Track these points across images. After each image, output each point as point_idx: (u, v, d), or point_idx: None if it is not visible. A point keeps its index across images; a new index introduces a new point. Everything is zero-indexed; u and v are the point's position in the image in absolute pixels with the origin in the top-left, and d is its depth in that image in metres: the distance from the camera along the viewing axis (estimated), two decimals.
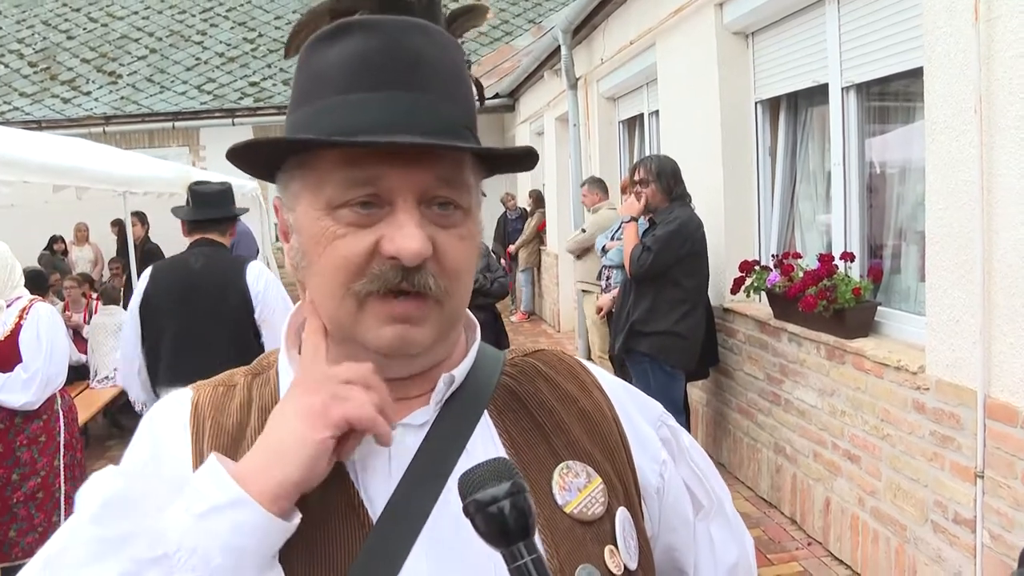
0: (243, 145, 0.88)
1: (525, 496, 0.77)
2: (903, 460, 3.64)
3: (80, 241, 10.82)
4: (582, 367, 1.07)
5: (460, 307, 0.92)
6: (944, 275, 3.33)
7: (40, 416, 3.86)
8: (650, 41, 6.73)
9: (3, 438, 3.78)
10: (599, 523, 0.93)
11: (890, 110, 4.38)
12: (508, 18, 16.63)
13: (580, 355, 9.22)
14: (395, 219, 0.84)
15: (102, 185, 6.28)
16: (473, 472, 0.78)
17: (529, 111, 12.72)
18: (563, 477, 0.94)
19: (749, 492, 5.17)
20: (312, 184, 0.87)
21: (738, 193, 5.47)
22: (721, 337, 5.47)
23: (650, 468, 1.03)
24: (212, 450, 0.89)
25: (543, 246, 12.41)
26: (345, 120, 0.83)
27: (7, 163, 5.10)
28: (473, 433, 0.93)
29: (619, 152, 9.07)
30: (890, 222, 4.32)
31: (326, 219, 0.85)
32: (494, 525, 0.75)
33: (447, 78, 0.87)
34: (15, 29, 16.86)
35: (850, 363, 4.01)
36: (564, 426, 0.98)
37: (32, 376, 3.74)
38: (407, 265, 0.83)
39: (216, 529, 0.76)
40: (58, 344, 3.86)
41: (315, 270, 0.88)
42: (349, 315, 0.86)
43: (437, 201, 0.86)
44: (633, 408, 1.06)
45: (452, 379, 0.94)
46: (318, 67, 0.87)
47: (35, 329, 3.79)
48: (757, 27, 5.23)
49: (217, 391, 0.97)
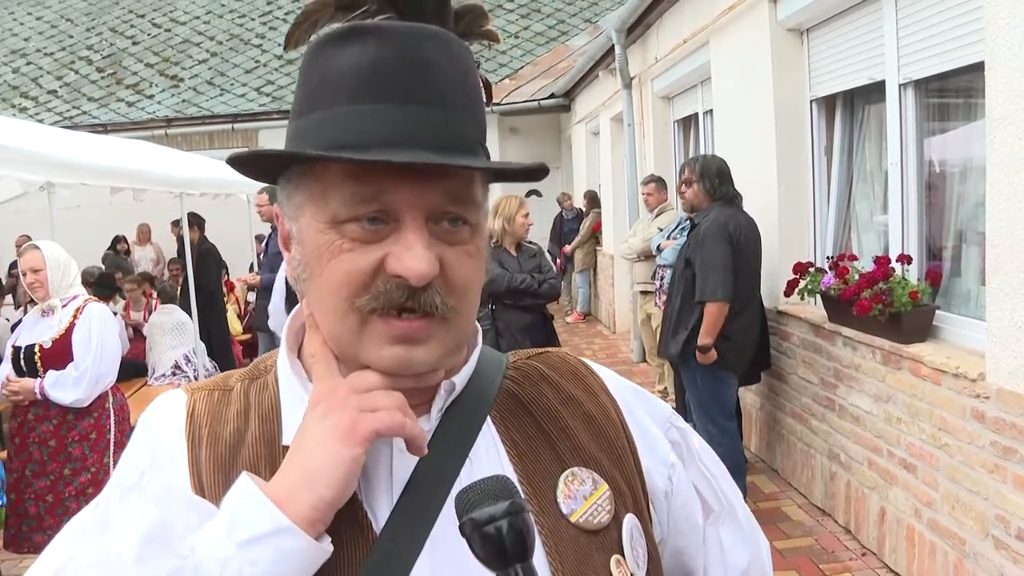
0: (247, 155, 0.85)
1: (524, 516, 0.74)
2: (962, 471, 3.51)
3: (142, 241, 11.07)
4: (587, 369, 1.04)
5: (467, 324, 0.89)
6: (1006, 278, 3.20)
7: (91, 413, 3.95)
8: (704, 39, 6.64)
9: (56, 434, 3.88)
10: (605, 532, 0.90)
11: (950, 107, 4.23)
12: (564, 18, 16.59)
13: (635, 357, 9.21)
14: (403, 237, 0.81)
15: (159, 187, 6.40)
16: (470, 490, 0.76)
17: (585, 111, 12.66)
18: (568, 485, 0.92)
19: (802, 499, 5.04)
20: (317, 196, 0.83)
21: (792, 193, 5.35)
22: (775, 340, 5.36)
23: (658, 471, 1.00)
24: (209, 460, 0.88)
25: (599, 247, 12.33)
26: (354, 132, 0.80)
27: (67, 167, 5.25)
28: (476, 441, 0.91)
29: (674, 152, 8.96)
30: (950, 223, 4.17)
31: (331, 232, 0.82)
32: (491, 546, 0.73)
33: (459, 90, 0.84)
34: (85, 36, 17.37)
35: (907, 369, 3.88)
36: (569, 431, 0.96)
37: (82, 374, 3.84)
38: (414, 285, 0.80)
39: (259, 558, 0.74)
40: (109, 343, 3.95)
41: (317, 283, 0.85)
42: (351, 332, 0.83)
43: (447, 218, 0.83)
44: (641, 410, 1.04)
45: (453, 387, 0.91)
46: (326, 71, 0.84)
47: (87, 328, 3.88)
48: (812, 23, 5.10)
49: (213, 396, 0.95)
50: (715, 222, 4.69)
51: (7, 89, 16.06)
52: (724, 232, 4.64)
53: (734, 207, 4.87)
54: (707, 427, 4.83)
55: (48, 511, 3.91)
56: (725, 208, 4.81)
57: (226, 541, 0.74)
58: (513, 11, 16.86)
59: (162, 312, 7.58)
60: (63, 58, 16.80)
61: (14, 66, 16.69)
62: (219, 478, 0.86)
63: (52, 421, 3.94)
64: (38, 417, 3.95)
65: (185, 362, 7.34)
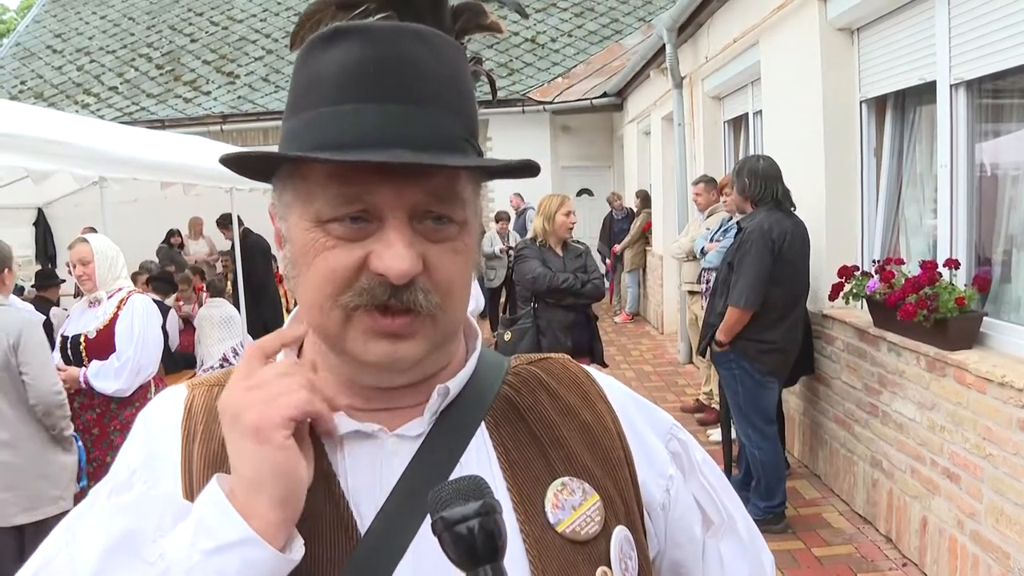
0: (234, 157, 0.87)
1: (495, 518, 0.74)
2: (1007, 483, 3.41)
3: (195, 235, 11.25)
4: (587, 377, 1.03)
5: (455, 321, 0.90)
6: None
7: (133, 403, 4.04)
8: (754, 39, 6.56)
9: (99, 422, 3.97)
10: (593, 543, 0.89)
11: (1003, 108, 4.11)
12: (618, 16, 16.51)
13: (681, 358, 9.14)
14: (385, 236, 0.81)
15: (208, 182, 6.51)
16: (443, 489, 0.76)
17: (636, 110, 12.59)
18: (557, 495, 0.91)
19: (844, 506, 4.96)
20: (303, 196, 0.85)
21: (841, 195, 5.26)
22: (819, 344, 5.27)
23: (655, 483, 0.99)
24: (201, 457, 0.89)
25: (648, 247, 12.26)
26: (336, 132, 0.81)
27: (119, 162, 5.37)
28: (468, 446, 0.91)
29: (724, 152, 8.86)
30: (1001, 227, 4.06)
31: (316, 231, 0.83)
32: (461, 545, 0.73)
33: (444, 88, 0.84)
34: (145, 35, 17.77)
35: (951, 376, 3.79)
36: (563, 440, 0.95)
37: (123, 364, 3.92)
38: (395, 283, 0.81)
39: (224, 567, 0.74)
40: (150, 335, 4.02)
41: (303, 280, 0.86)
42: (337, 326, 0.84)
43: (430, 216, 0.83)
44: (641, 420, 1.02)
45: (447, 391, 0.91)
46: (313, 73, 0.85)
47: (130, 319, 3.96)
48: (862, 23, 5.01)
49: (212, 392, 0.95)
50: (759, 227, 4.59)
51: (71, 86, 16.50)
52: (766, 239, 4.53)
53: (781, 211, 4.74)
54: (747, 431, 4.77)
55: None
56: (772, 212, 4.69)
57: (192, 548, 0.75)
58: (567, 9, 16.82)
59: (211, 305, 7.72)
60: (124, 55, 17.21)
61: (79, 64, 17.14)
62: (209, 474, 0.86)
63: (96, 410, 4.04)
64: (83, 405, 4.04)
65: (233, 355, 7.45)
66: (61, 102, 15.81)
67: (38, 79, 16.85)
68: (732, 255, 4.74)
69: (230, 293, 8.41)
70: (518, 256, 5.60)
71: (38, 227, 10.03)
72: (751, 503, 4.63)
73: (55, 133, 4.67)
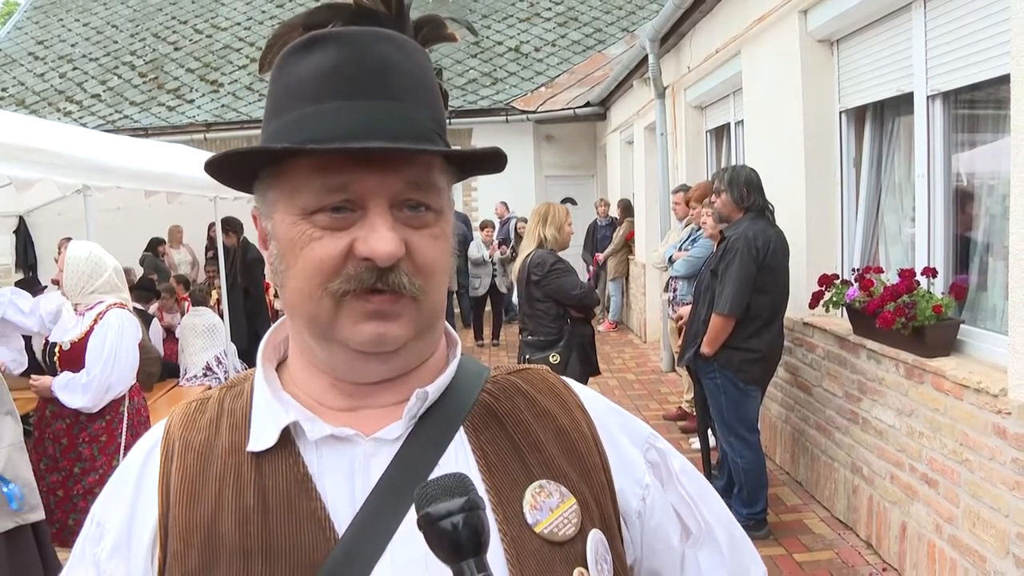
0: (220, 156, 0.90)
1: (479, 513, 0.76)
2: (983, 487, 3.46)
3: (175, 243, 11.18)
4: (565, 386, 1.06)
5: (437, 304, 0.93)
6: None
7: (103, 417, 4.00)
8: (736, 49, 6.62)
9: (68, 433, 3.95)
10: (570, 544, 0.91)
11: (979, 119, 4.18)
12: (601, 26, 16.56)
13: (664, 366, 9.15)
14: (368, 222, 0.86)
15: (192, 191, 6.50)
16: (429, 485, 0.78)
17: (619, 120, 12.65)
18: (535, 497, 0.93)
19: (825, 512, 5.00)
20: (288, 191, 0.89)
21: (821, 205, 5.32)
22: (800, 352, 5.32)
23: (632, 491, 1.00)
24: (179, 472, 0.92)
25: (631, 255, 12.30)
26: (318, 129, 0.85)
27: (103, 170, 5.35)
28: (447, 450, 0.93)
29: (706, 162, 8.92)
30: (977, 236, 4.12)
31: (302, 223, 0.87)
32: (446, 540, 0.75)
33: (415, 85, 0.89)
34: (129, 43, 17.67)
35: (929, 383, 3.84)
36: (540, 444, 0.97)
37: (90, 381, 3.88)
38: (381, 266, 0.85)
39: None
40: (123, 353, 3.95)
41: (292, 273, 0.89)
42: (327, 313, 0.88)
43: (408, 204, 0.88)
44: (618, 429, 1.04)
45: (426, 395, 0.94)
46: (291, 79, 0.89)
47: (102, 336, 3.90)
48: (842, 34, 5.07)
49: (190, 407, 1.00)
50: (743, 236, 4.63)
51: (53, 93, 16.39)
52: (751, 247, 4.58)
53: (765, 220, 4.80)
54: (729, 439, 4.81)
55: (58, 505, 3.96)
56: (756, 221, 4.73)
57: None
58: (551, 19, 16.87)
59: (194, 314, 7.70)
60: (107, 63, 17.11)
61: (61, 71, 17.03)
62: (185, 488, 0.91)
63: (65, 420, 3.99)
64: (54, 414, 4.01)
65: (216, 364, 7.45)
66: (43, 109, 15.71)
67: (20, 86, 16.73)
68: (715, 263, 4.78)
69: (216, 301, 8.38)
70: (553, 270, 5.27)
71: (18, 235, 9.94)
72: (733, 510, 4.63)
73: (38, 141, 4.65)
